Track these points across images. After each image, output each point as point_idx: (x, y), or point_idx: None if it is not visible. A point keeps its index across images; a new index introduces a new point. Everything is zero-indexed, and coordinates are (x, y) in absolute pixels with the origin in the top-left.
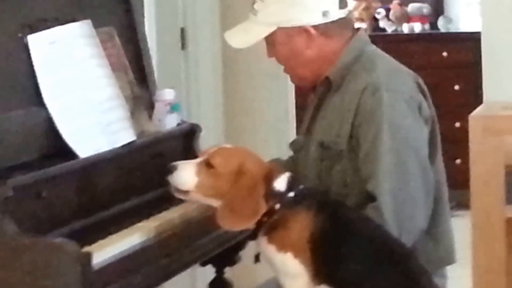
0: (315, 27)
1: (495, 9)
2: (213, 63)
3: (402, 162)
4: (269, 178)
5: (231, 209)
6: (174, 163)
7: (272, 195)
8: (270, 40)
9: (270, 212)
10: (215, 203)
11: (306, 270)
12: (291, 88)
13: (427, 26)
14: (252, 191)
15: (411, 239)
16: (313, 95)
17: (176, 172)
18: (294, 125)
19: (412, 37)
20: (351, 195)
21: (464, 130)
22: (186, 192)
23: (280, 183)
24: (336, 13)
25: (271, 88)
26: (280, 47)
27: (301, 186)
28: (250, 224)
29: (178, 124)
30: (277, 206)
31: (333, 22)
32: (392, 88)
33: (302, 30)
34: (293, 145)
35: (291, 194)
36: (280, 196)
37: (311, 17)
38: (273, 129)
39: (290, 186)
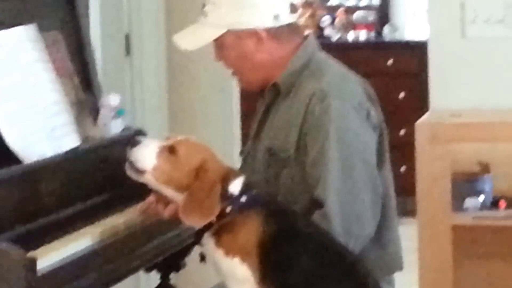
0: (266, 30)
1: (442, 17)
2: (158, 69)
3: (350, 169)
4: (226, 180)
5: (194, 204)
6: (140, 137)
7: (225, 197)
8: (219, 43)
9: (220, 214)
10: (165, 191)
11: (253, 275)
12: (236, 93)
13: (372, 34)
14: (210, 190)
15: (358, 245)
16: (261, 101)
17: (138, 148)
18: (239, 130)
19: (357, 45)
20: (299, 202)
21: (409, 137)
22: (140, 172)
23: (235, 186)
24: (287, 17)
25: (216, 94)
26: (230, 50)
27: (254, 192)
28: (205, 222)
29: (123, 130)
30: (228, 208)
31: (283, 26)
32: (341, 95)
33: (253, 33)
34: (242, 152)
35: (243, 198)
36: (232, 199)
37: (262, 20)
38: (218, 134)
39: (244, 190)
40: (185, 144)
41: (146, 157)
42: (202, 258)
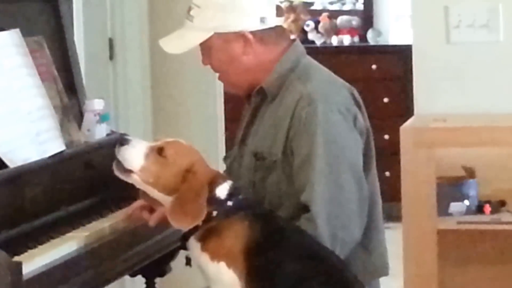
0: (253, 33)
1: (426, 22)
2: (141, 73)
3: (336, 173)
4: (213, 183)
5: (181, 207)
6: (128, 136)
7: (212, 201)
8: (206, 46)
9: (206, 218)
10: (151, 192)
11: (239, 280)
12: (220, 98)
13: (356, 39)
14: (198, 193)
15: (344, 250)
16: (247, 105)
17: (126, 147)
18: (223, 134)
19: (341, 50)
20: (285, 206)
21: (394, 142)
22: (127, 172)
23: (222, 191)
24: (274, 20)
25: (200, 98)
26: (217, 53)
27: (241, 196)
28: (191, 226)
29: (108, 134)
30: (215, 213)
31: (270, 29)
32: (327, 99)
33: (240, 35)
34: (227, 158)
35: (230, 202)
36: (219, 203)
37: (249, 23)
38: (202, 140)
39: (230, 195)
40: (174, 146)
41: (134, 157)
42: (188, 261)
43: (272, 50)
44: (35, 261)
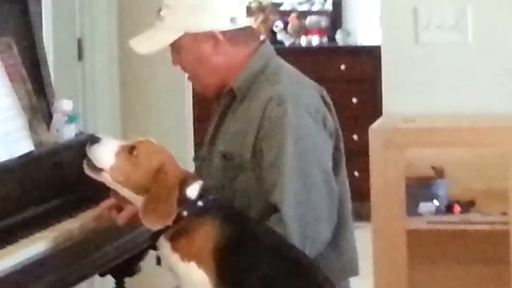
0: (223, 33)
1: (395, 22)
2: (110, 74)
3: (306, 174)
4: (183, 184)
5: (153, 207)
6: (99, 135)
7: (182, 201)
8: (176, 46)
9: (177, 218)
10: (121, 191)
11: (210, 280)
12: (189, 99)
13: (325, 39)
14: (168, 193)
15: (314, 250)
16: (217, 106)
17: (97, 145)
18: (192, 135)
19: (310, 50)
20: (254, 206)
21: (362, 142)
22: (98, 170)
23: (192, 191)
24: (244, 21)
25: (169, 99)
26: (187, 53)
27: (211, 197)
28: (162, 226)
29: (76, 135)
30: (185, 213)
31: (240, 29)
32: (297, 100)
33: (210, 35)
34: (196, 158)
35: (200, 203)
36: (189, 203)
37: (219, 23)
38: (171, 140)
39: (201, 195)
40: (145, 145)
41: (105, 155)
42: (158, 261)
43: (242, 51)
44: (4, 261)
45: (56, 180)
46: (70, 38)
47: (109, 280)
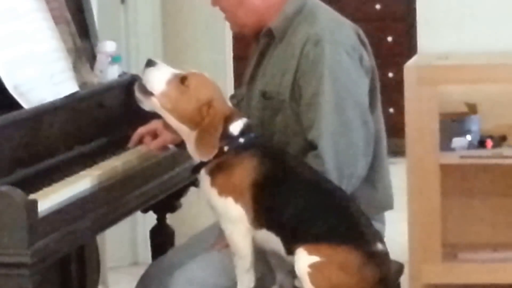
0: None
1: None
2: (152, 16)
3: (343, 111)
4: (228, 120)
5: (200, 139)
6: (155, 59)
7: (225, 136)
8: None
9: (218, 153)
10: (167, 118)
11: (246, 215)
12: (229, 39)
13: None
14: (213, 127)
15: (351, 185)
16: (255, 46)
17: (152, 69)
18: (232, 76)
19: None
20: (293, 143)
21: (397, 80)
22: (148, 94)
23: (235, 127)
24: None
25: (210, 38)
26: None
27: (253, 134)
28: (205, 159)
29: (119, 75)
30: (226, 148)
31: None
32: (334, 39)
33: None
34: (234, 96)
35: (242, 139)
36: (231, 139)
37: None
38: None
39: (243, 132)
40: (197, 78)
41: (158, 80)
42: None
43: None
44: (50, 198)
45: (100, 119)
46: None
47: (151, 216)
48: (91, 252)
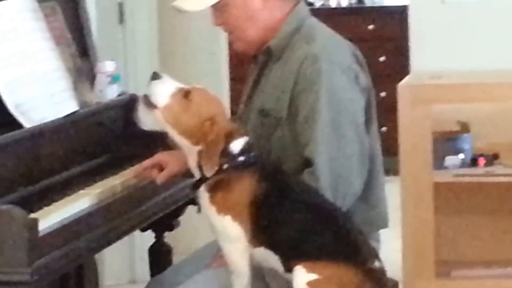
0: None
1: None
2: (150, 36)
3: (339, 128)
4: (229, 137)
5: (207, 153)
6: (161, 73)
7: (225, 154)
8: (221, 4)
9: (217, 170)
10: (169, 131)
11: (244, 234)
12: (226, 58)
13: (353, 0)
14: (216, 144)
15: (346, 203)
16: (253, 66)
17: (157, 82)
18: (229, 95)
19: (339, 11)
20: (290, 160)
21: (390, 99)
22: (152, 107)
23: (236, 145)
24: None
25: (207, 60)
26: (234, 9)
27: (253, 153)
28: (207, 174)
29: (119, 95)
30: (225, 166)
31: None
32: (331, 58)
33: None
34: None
35: (242, 158)
36: (231, 157)
37: None
38: None
39: (244, 150)
40: (201, 93)
41: (162, 93)
42: (199, 209)
43: (284, 8)
44: (51, 217)
45: (99, 138)
46: (111, 2)
47: (150, 235)
48: (90, 270)
